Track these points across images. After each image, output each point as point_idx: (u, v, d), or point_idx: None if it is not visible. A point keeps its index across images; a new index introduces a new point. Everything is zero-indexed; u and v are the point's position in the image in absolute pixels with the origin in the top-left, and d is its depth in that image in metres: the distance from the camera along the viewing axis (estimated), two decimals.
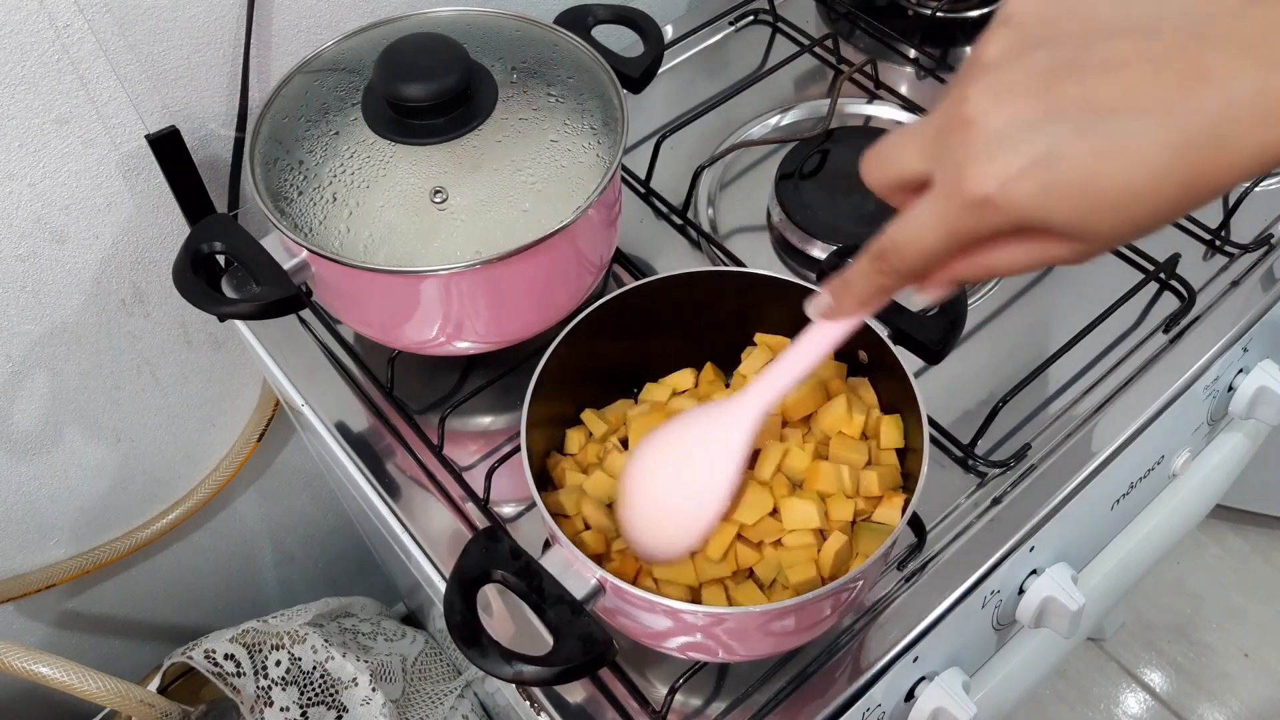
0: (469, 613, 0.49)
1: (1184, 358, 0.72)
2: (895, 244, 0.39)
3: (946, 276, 0.39)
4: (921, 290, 0.41)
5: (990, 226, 0.35)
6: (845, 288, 0.43)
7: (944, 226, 0.36)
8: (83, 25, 0.69)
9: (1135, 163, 0.32)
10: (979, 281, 0.39)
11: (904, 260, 0.39)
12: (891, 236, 0.39)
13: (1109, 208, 0.33)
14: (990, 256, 0.37)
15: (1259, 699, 1.42)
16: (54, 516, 0.92)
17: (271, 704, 0.89)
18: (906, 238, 0.38)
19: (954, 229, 0.36)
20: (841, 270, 0.43)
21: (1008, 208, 0.34)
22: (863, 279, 0.42)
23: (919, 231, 0.37)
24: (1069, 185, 0.32)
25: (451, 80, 0.63)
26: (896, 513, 0.55)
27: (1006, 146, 0.33)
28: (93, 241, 0.79)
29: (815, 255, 0.77)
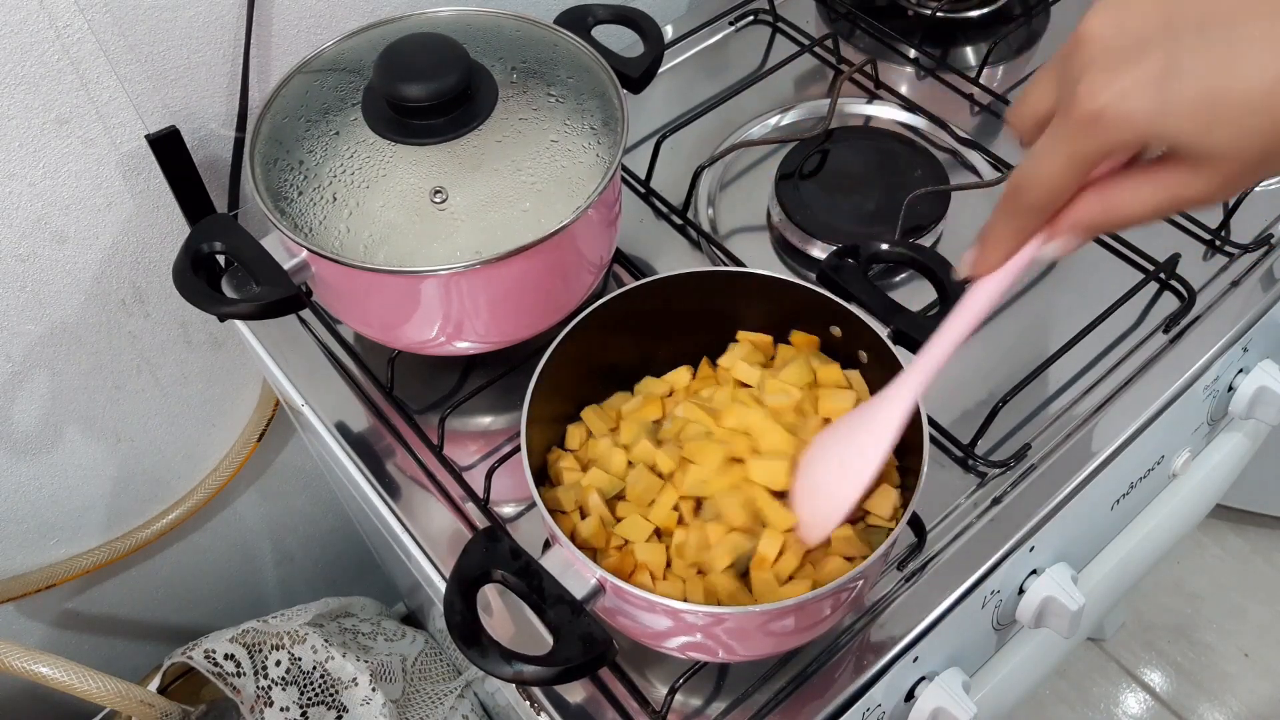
0: (469, 613, 0.49)
1: (1184, 358, 0.72)
2: (1022, 177, 0.38)
3: (1075, 219, 0.38)
4: (1054, 237, 0.40)
5: (1108, 145, 0.35)
6: (986, 238, 0.42)
7: (1064, 151, 0.36)
8: (83, 25, 0.69)
9: (1254, 71, 0.32)
10: (1112, 230, 0.39)
11: (1032, 195, 0.38)
12: (1018, 172, 0.38)
13: (1227, 120, 0.32)
14: (1118, 193, 0.37)
15: (1259, 699, 1.42)
16: (54, 516, 0.92)
17: (271, 704, 0.89)
18: (1031, 169, 0.38)
19: (1074, 153, 0.35)
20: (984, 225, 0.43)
21: (1124, 122, 0.33)
22: (999, 224, 0.41)
23: (1041, 161, 0.37)
24: (1187, 95, 0.32)
25: (451, 80, 0.63)
26: (888, 504, 0.55)
27: (1123, 59, 0.33)
28: (93, 241, 0.79)
29: (815, 255, 0.77)
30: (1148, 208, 0.36)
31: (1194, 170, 0.34)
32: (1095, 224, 0.38)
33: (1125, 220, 0.37)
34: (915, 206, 0.76)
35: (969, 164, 0.84)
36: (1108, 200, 0.37)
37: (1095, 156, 0.35)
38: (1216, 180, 0.34)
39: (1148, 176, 0.36)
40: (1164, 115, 0.33)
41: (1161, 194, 0.36)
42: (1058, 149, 0.36)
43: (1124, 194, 0.37)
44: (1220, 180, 0.34)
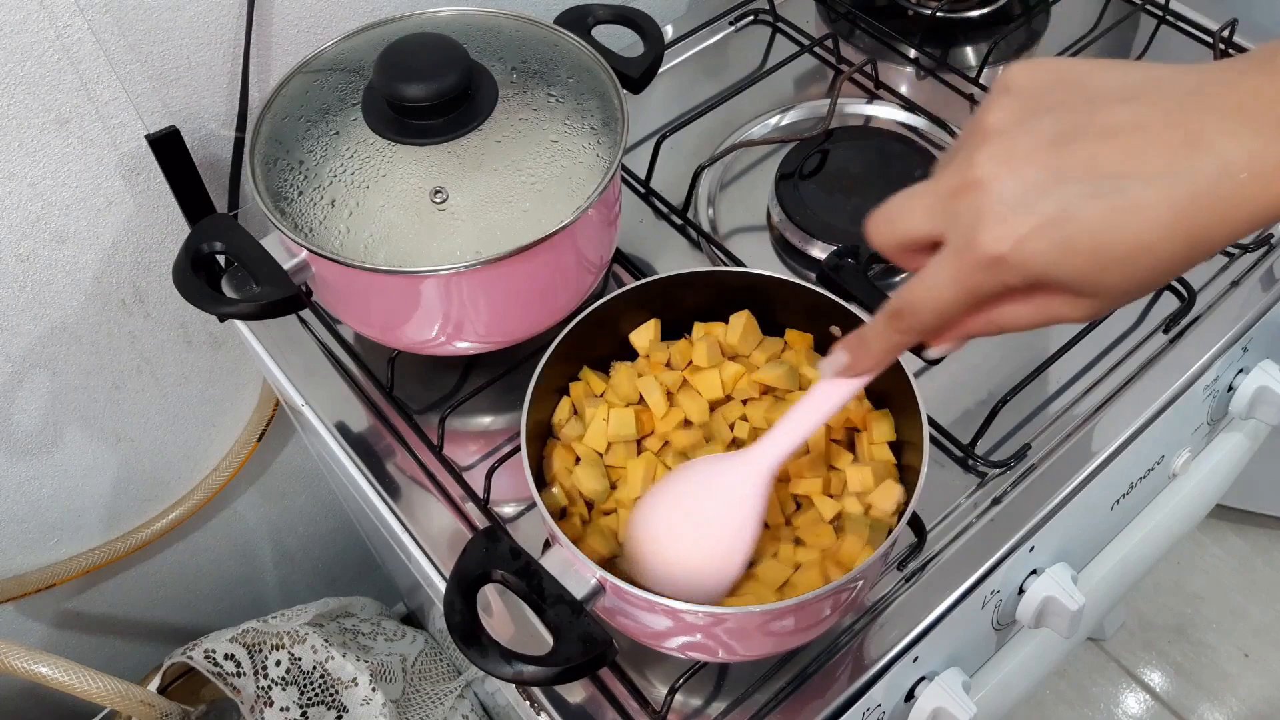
0: (469, 613, 0.49)
1: (1184, 358, 0.72)
2: (911, 304, 0.40)
3: (959, 333, 0.41)
4: (935, 345, 0.43)
5: (1003, 284, 0.37)
6: (861, 346, 0.45)
7: (959, 285, 0.38)
8: (83, 25, 0.69)
9: (1144, 221, 0.34)
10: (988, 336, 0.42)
11: (920, 319, 0.40)
12: (906, 297, 0.40)
13: (1119, 263, 0.34)
14: (1000, 314, 0.39)
15: (1259, 699, 1.42)
16: (54, 516, 0.92)
17: (271, 704, 0.89)
18: (922, 298, 0.39)
19: (969, 287, 0.38)
20: (856, 331, 0.45)
21: (1022, 265, 0.35)
22: (879, 339, 0.44)
23: (934, 291, 0.39)
24: (1081, 243, 0.34)
25: (451, 80, 0.63)
26: (892, 499, 0.55)
27: (1019, 207, 0.35)
28: (93, 241, 0.79)
29: (815, 255, 0.77)
30: (1026, 324, 0.39)
31: (1076, 300, 0.37)
32: (976, 334, 0.41)
33: (1004, 330, 0.40)
34: None
35: None
36: (990, 318, 0.40)
37: (992, 291, 0.37)
38: (1096, 307, 0.37)
39: (1030, 300, 0.38)
40: (1060, 263, 0.35)
41: (1042, 315, 0.38)
42: (953, 283, 0.38)
43: (1006, 313, 0.39)
44: (1099, 307, 0.37)
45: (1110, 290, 0.36)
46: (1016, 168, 0.36)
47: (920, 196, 0.39)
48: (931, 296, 0.39)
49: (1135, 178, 0.34)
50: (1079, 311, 0.38)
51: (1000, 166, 0.36)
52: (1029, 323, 0.39)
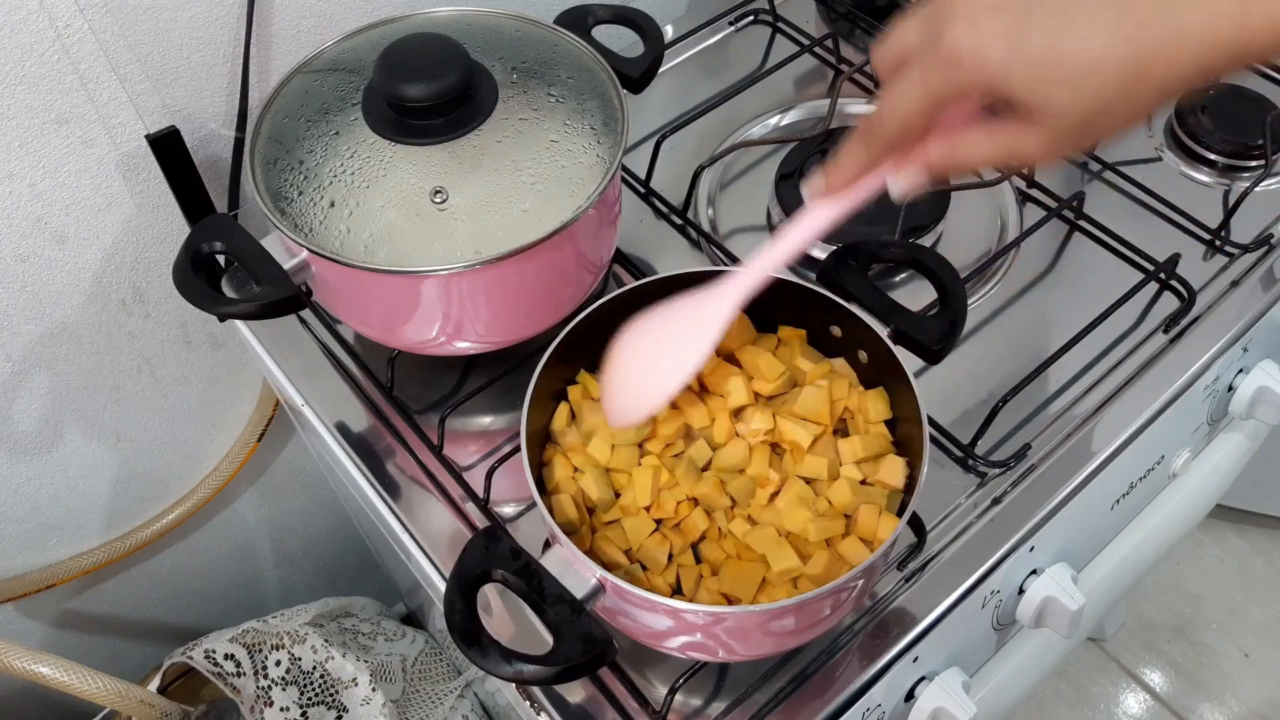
0: (469, 613, 0.49)
1: (1184, 358, 0.72)
2: (878, 113, 0.43)
3: (921, 158, 0.43)
4: (899, 173, 0.44)
5: (961, 84, 0.39)
6: (835, 165, 0.46)
7: (921, 86, 0.40)
8: (83, 25, 0.69)
9: (1090, 37, 0.36)
10: (949, 173, 0.44)
11: (887, 124, 0.43)
12: (875, 108, 0.43)
13: (1066, 78, 0.37)
14: (960, 140, 0.42)
15: (1259, 699, 1.42)
16: (54, 516, 0.92)
17: (271, 704, 0.89)
18: (888, 104, 0.42)
19: (929, 86, 0.40)
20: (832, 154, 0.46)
21: (975, 65, 0.38)
22: (851, 151, 0.45)
23: (899, 95, 0.42)
24: (1033, 51, 0.37)
25: (451, 80, 0.63)
26: (898, 473, 0.56)
27: (982, 14, 0.38)
28: (93, 241, 0.79)
29: (815, 255, 0.77)
30: (984, 154, 0.41)
31: (1028, 127, 0.39)
32: (937, 163, 0.43)
33: (964, 163, 0.42)
34: (915, 206, 0.76)
35: None
36: (949, 145, 0.42)
37: (948, 93, 0.40)
38: (1046, 137, 0.39)
39: (987, 130, 0.41)
40: (1011, 65, 0.37)
41: (997, 145, 0.41)
42: (916, 84, 0.41)
43: (966, 141, 0.42)
44: (1049, 137, 0.39)
45: (1056, 109, 0.38)
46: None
47: (913, 15, 0.42)
48: (896, 101, 0.41)
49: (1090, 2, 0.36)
50: (1030, 143, 0.39)
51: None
52: (986, 154, 0.41)
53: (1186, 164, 0.83)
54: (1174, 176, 0.82)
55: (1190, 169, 0.83)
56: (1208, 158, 0.82)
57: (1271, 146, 0.80)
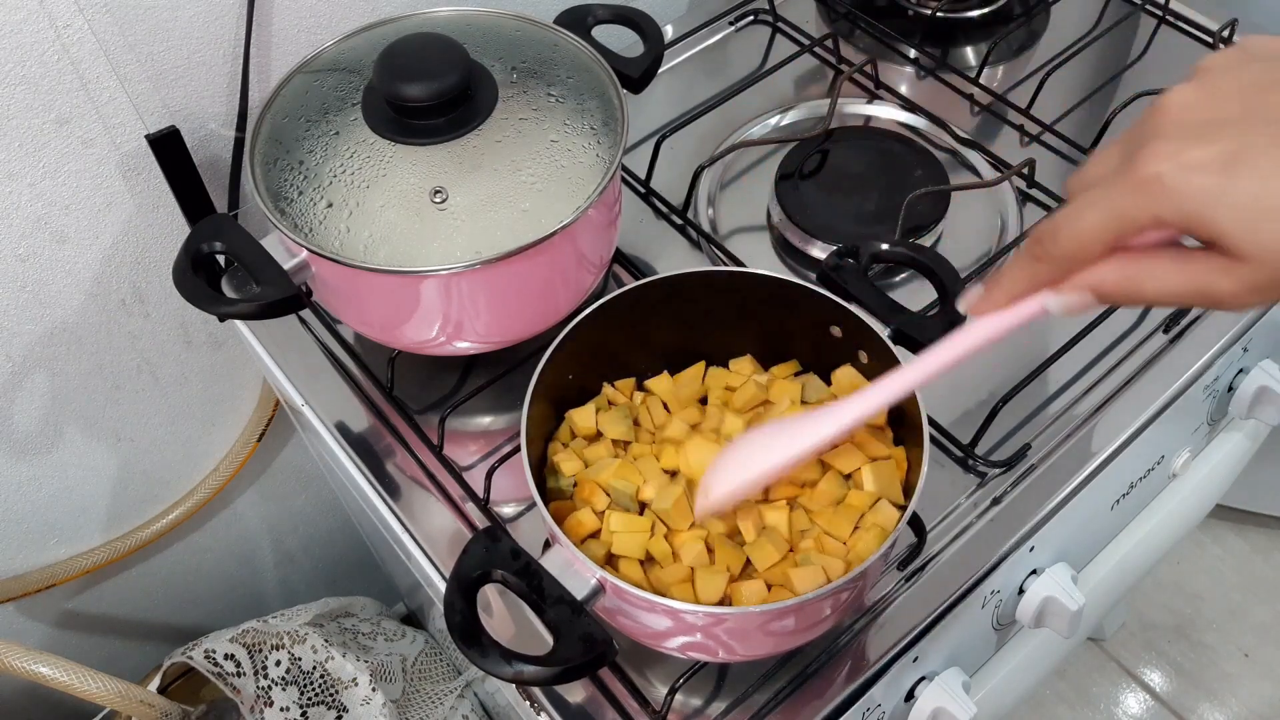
0: (469, 613, 0.49)
1: (1184, 358, 0.72)
2: (1052, 226, 0.38)
3: (1094, 279, 0.37)
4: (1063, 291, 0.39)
5: (1155, 213, 0.34)
6: (997, 278, 0.42)
7: (1109, 206, 0.35)
8: (83, 25, 0.69)
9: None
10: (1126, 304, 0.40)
11: (1063, 242, 0.37)
12: (1052, 219, 0.38)
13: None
14: (1143, 267, 0.36)
15: (1259, 699, 1.42)
16: (54, 516, 0.92)
17: (271, 704, 0.89)
18: (1065, 218, 0.37)
19: (1116, 208, 0.35)
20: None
21: (1177, 192, 0.33)
22: (1017, 264, 0.40)
23: (1083, 211, 0.36)
24: (1245, 186, 0.32)
25: (451, 80, 0.63)
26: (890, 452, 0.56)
27: (1193, 134, 0.33)
28: (93, 241, 0.79)
29: (815, 255, 0.77)
30: (1169, 291, 0.36)
31: (1227, 267, 0.34)
32: (1111, 290, 0.37)
33: (1142, 296, 0.37)
34: (915, 206, 0.76)
35: (969, 164, 0.84)
36: (1131, 270, 0.36)
37: (1138, 220, 0.34)
38: (1247, 282, 0.34)
39: (1178, 260, 0.35)
40: (1218, 200, 0.32)
41: (1187, 281, 0.35)
42: (1103, 203, 0.35)
43: (1150, 269, 0.36)
44: (1250, 283, 0.34)
45: (1262, 254, 0.32)
46: (1207, 100, 0.34)
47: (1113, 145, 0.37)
48: (1075, 217, 0.36)
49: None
50: (1227, 285, 0.34)
51: (1192, 96, 0.34)
52: (1172, 287, 0.35)
53: None
54: None
55: None
56: None
57: None
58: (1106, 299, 0.38)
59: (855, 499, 0.56)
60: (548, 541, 0.63)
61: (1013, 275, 0.40)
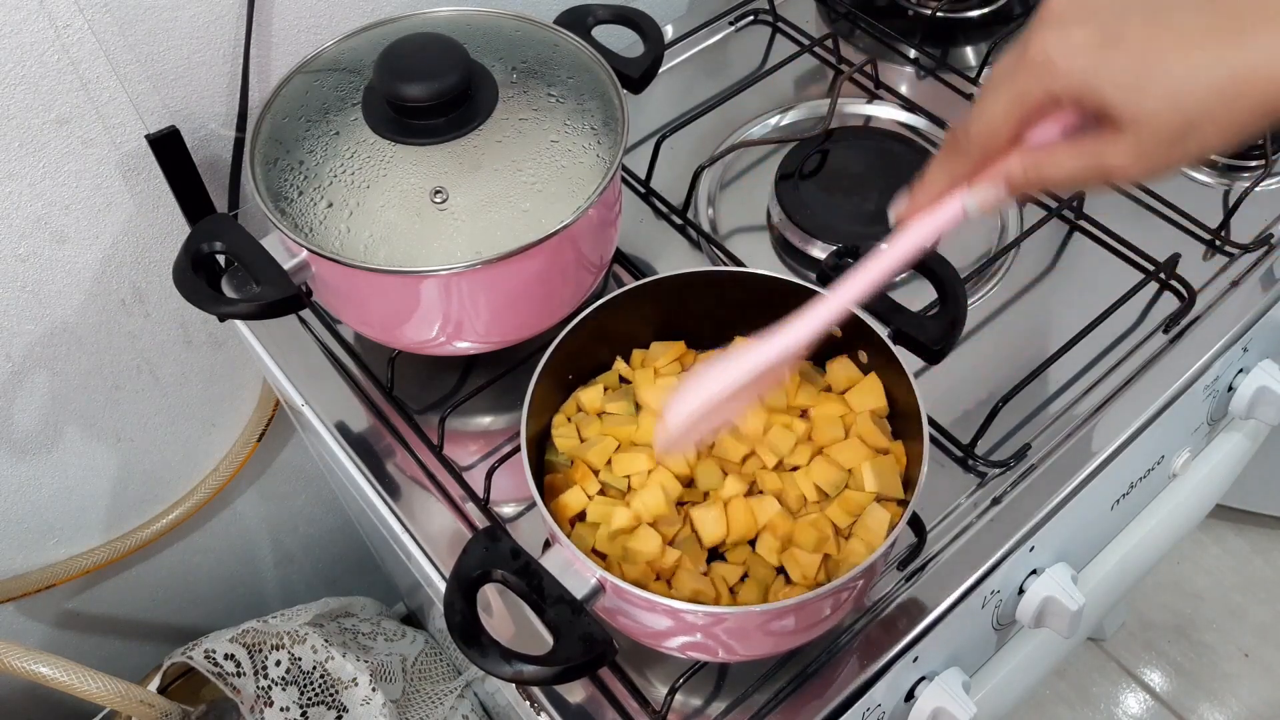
0: (469, 613, 0.49)
1: (1184, 358, 0.72)
2: (966, 122, 0.42)
3: (1004, 171, 0.42)
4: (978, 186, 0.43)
5: (1048, 89, 0.38)
6: (921, 182, 0.45)
7: (1008, 91, 0.40)
8: (83, 25, 0.69)
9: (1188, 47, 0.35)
10: (1031, 188, 0.42)
11: (970, 132, 0.42)
12: (962, 118, 0.42)
13: (1160, 88, 0.36)
14: (1044, 154, 0.40)
15: (1259, 699, 1.42)
16: (54, 516, 0.92)
17: (271, 704, 0.89)
18: (975, 108, 0.41)
19: (1017, 90, 0.39)
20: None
21: (1064, 69, 0.38)
22: (936, 165, 0.44)
23: (985, 99, 0.41)
24: (1122, 59, 0.36)
25: (451, 80, 0.63)
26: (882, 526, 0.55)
27: (1074, 18, 0.38)
28: (93, 241, 0.79)
29: (815, 255, 0.77)
30: (1067, 169, 0.40)
31: (1115, 138, 0.38)
32: (1019, 178, 0.42)
33: (1047, 177, 0.41)
34: None
35: None
36: (1033, 158, 0.41)
37: (1035, 95, 0.39)
38: (1133, 149, 0.38)
39: (1073, 143, 0.40)
40: (1099, 72, 0.37)
41: (1081, 157, 0.39)
42: (1003, 88, 0.40)
43: (1049, 154, 0.41)
44: (1136, 150, 0.38)
45: (1148, 118, 0.36)
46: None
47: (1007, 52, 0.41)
48: (984, 110, 0.41)
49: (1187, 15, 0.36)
50: (1117, 155, 0.38)
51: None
52: (1071, 168, 0.40)
53: None
54: (1174, 176, 0.82)
55: (1190, 169, 0.83)
56: (1208, 158, 0.82)
57: (1271, 146, 0.80)
58: (1016, 187, 0.42)
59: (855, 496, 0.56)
60: (548, 541, 0.63)
61: (933, 174, 0.45)
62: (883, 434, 0.58)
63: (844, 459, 0.57)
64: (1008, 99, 0.40)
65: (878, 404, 0.59)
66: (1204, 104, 0.36)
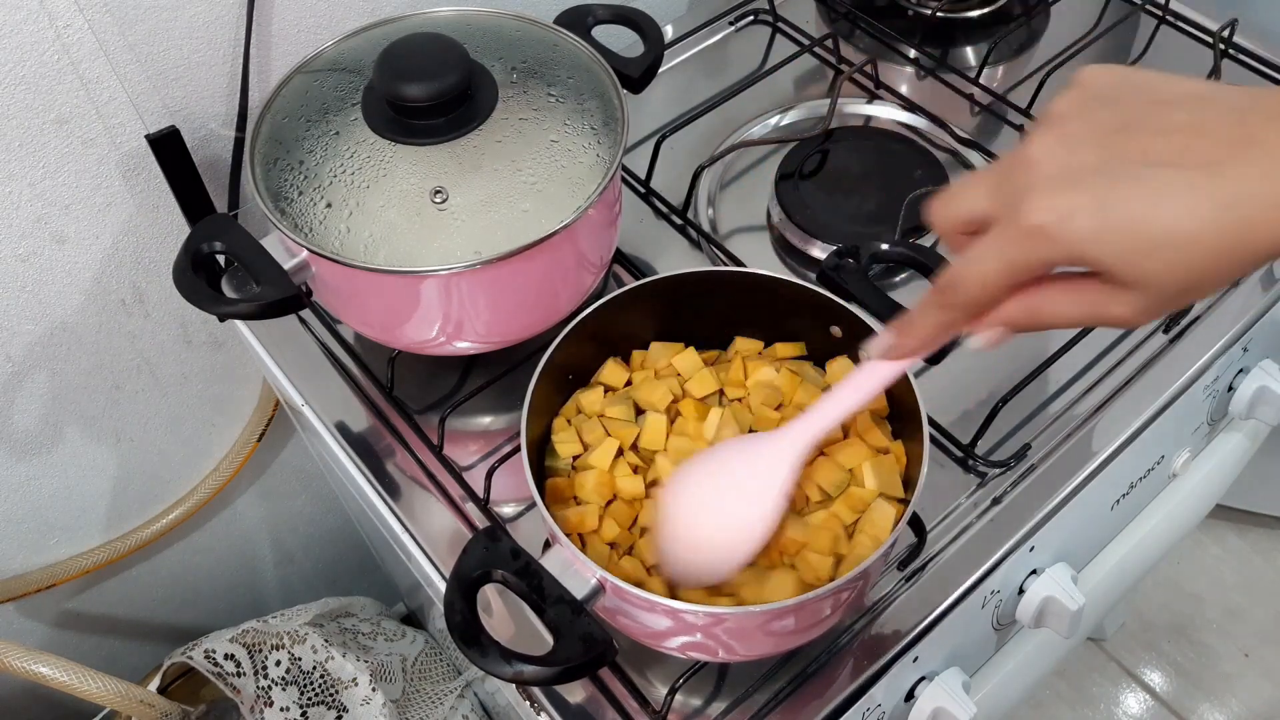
0: (469, 613, 0.49)
1: (1184, 358, 0.72)
2: (955, 277, 0.41)
3: (1001, 318, 0.41)
4: (976, 331, 0.42)
5: (1044, 260, 0.37)
6: (907, 326, 0.45)
7: (1003, 257, 0.38)
8: (83, 25, 0.69)
9: (1186, 207, 0.34)
10: (1030, 330, 0.42)
11: (964, 293, 0.40)
12: (952, 272, 0.41)
13: (1159, 249, 0.35)
14: (1043, 302, 0.40)
15: (1259, 699, 1.42)
16: (54, 516, 0.92)
17: (271, 704, 0.89)
18: (967, 271, 0.40)
19: (1011, 259, 0.38)
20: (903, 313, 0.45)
21: (1062, 239, 0.36)
22: (924, 315, 0.44)
23: (978, 264, 0.39)
24: (1121, 221, 0.35)
25: (451, 80, 0.63)
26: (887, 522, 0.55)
27: (1065, 183, 0.36)
28: (93, 241, 0.79)
29: (815, 255, 0.77)
30: (1068, 318, 0.39)
31: (1116, 292, 0.37)
32: (1018, 324, 0.41)
33: (1046, 324, 0.40)
34: (915, 206, 0.76)
35: (969, 164, 0.84)
36: (1032, 305, 0.40)
37: (1032, 265, 0.38)
38: (1137, 305, 0.37)
39: (1072, 289, 0.39)
40: (1098, 240, 0.35)
41: (1083, 309, 0.39)
42: (997, 255, 0.38)
43: (1048, 302, 0.39)
44: (1139, 305, 0.37)
45: (1152, 280, 0.36)
46: (1070, 149, 0.37)
47: (980, 177, 0.40)
48: (975, 269, 0.40)
49: (1183, 168, 0.35)
50: (1123, 308, 0.37)
51: (1055, 146, 0.37)
52: (1071, 315, 0.39)
53: None
54: None
55: None
56: None
57: None
58: (1014, 328, 0.41)
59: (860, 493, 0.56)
60: (548, 541, 0.63)
61: (923, 324, 0.44)
62: (883, 434, 0.58)
63: (845, 459, 0.57)
64: (1002, 266, 0.38)
65: (875, 404, 0.59)
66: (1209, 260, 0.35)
